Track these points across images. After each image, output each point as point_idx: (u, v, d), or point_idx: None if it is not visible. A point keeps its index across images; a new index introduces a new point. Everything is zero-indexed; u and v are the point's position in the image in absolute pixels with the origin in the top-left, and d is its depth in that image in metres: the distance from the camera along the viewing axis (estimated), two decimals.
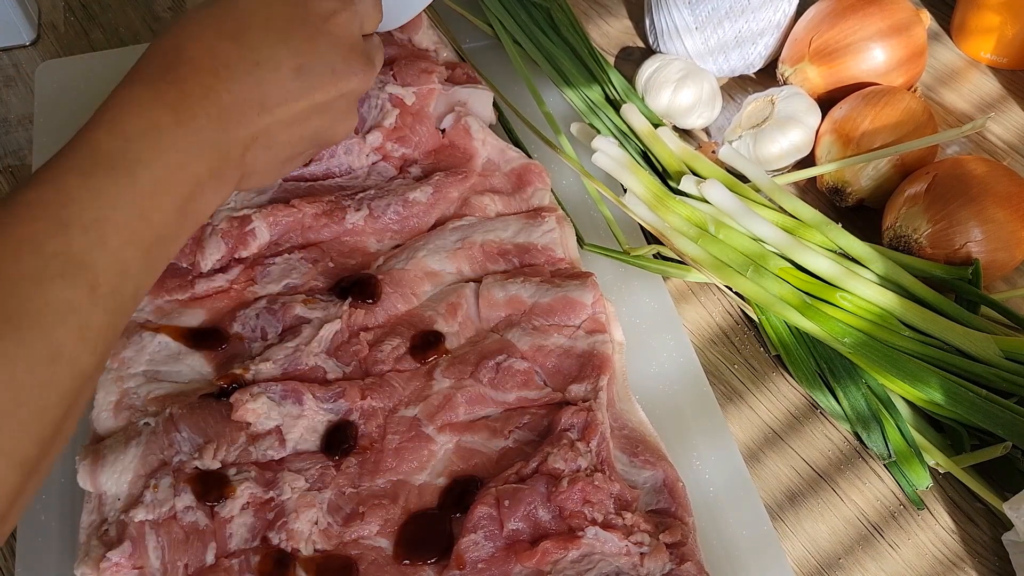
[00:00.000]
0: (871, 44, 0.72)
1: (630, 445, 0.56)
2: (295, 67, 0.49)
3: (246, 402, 0.55)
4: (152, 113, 0.45)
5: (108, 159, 0.43)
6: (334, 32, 0.51)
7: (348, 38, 0.52)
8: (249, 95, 0.48)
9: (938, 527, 0.58)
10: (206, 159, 0.46)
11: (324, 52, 0.51)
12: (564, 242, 0.64)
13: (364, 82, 0.53)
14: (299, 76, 0.49)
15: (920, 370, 0.59)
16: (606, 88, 0.75)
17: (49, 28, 0.84)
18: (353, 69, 0.52)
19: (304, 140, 0.52)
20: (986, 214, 0.63)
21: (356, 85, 0.53)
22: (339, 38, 0.52)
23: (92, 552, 0.51)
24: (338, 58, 0.51)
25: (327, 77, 0.51)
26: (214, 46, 0.48)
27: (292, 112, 0.50)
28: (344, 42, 0.52)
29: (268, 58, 0.48)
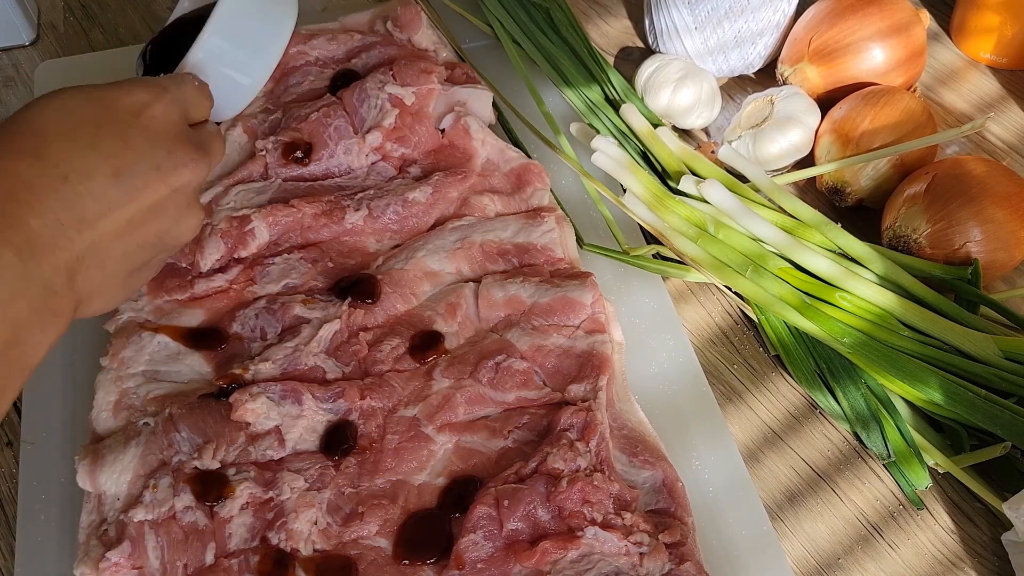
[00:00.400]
0: (870, 44, 0.72)
1: (629, 445, 0.56)
2: (111, 172, 0.44)
3: (245, 402, 0.55)
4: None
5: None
6: (150, 126, 0.47)
7: (169, 129, 0.48)
8: (62, 214, 0.42)
9: (937, 527, 0.58)
10: (23, 297, 0.40)
11: (143, 149, 0.46)
12: (563, 242, 0.64)
13: (197, 172, 0.49)
14: (118, 182, 0.44)
15: (919, 370, 0.59)
16: (605, 88, 0.75)
17: (49, 28, 0.84)
18: (181, 161, 0.47)
19: (145, 248, 0.47)
20: (985, 214, 0.63)
21: (189, 177, 0.48)
22: (157, 131, 0.47)
23: (91, 552, 0.51)
24: (161, 152, 0.47)
25: (152, 175, 0.46)
26: (11, 168, 0.42)
27: (119, 222, 0.45)
28: (165, 135, 0.47)
29: (79, 168, 0.43)
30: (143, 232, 0.46)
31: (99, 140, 0.44)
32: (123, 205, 0.45)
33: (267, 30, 0.58)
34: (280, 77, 0.73)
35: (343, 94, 0.70)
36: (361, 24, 0.77)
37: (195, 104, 0.51)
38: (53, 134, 0.44)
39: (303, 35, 0.74)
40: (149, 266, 0.50)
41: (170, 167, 0.47)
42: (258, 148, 0.67)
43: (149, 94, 0.47)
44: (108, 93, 0.46)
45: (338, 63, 0.73)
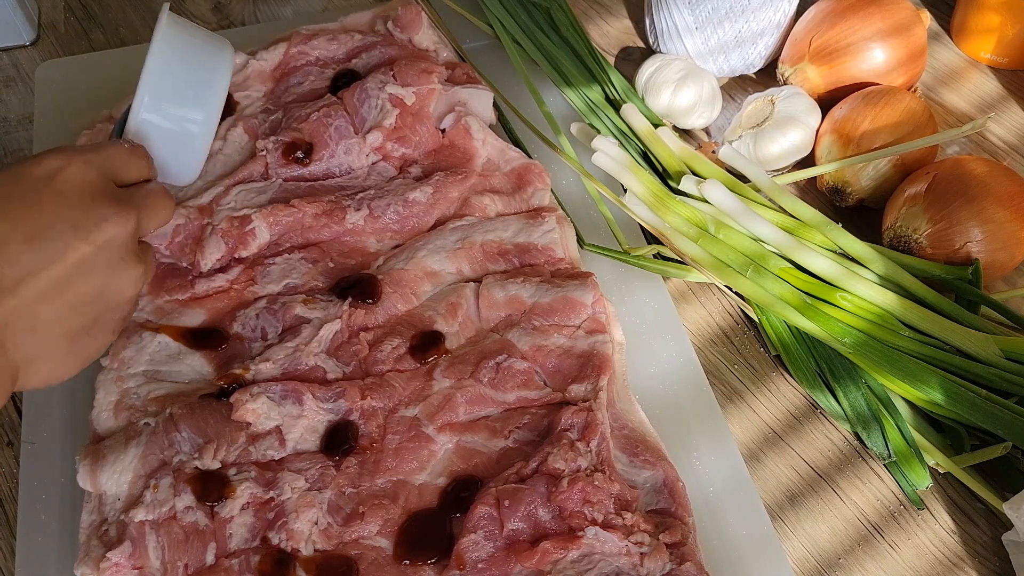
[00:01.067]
0: (871, 44, 0.72)
1: (630, 445, 0.56)
2: (24, 238, 0.44)
3: (246, 402, 0.55)
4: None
5: None
6: (64, 189, 0.46)
7: (86, 189, 0.47)
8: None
9: (938, 527, 0.58)
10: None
11: (57, 211, 0.45)
12: (564, 242, 0.64)
13: (122, 227, 0.47)
14: (33, 246, 0.44)
15: (920, 370, 0.59)
16: (606, 88, 0.75)
17: (49, 28, 0.84)
18: (102, 216, 0.46)
19: (81, 307, 0.47)
20: (986, 214, 0.63)
21: (113, 232, 0.47)
22: (72, 193, 0.46)
23: (92, 552, 0.51)
24: (78, 212, 0.46)
25: (69, 235, 0.45)
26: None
27: (41, 285, 0.44)
28: (81, 195, 0.46)
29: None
30: (73, 292, 0.46)
31: (10, 210, 0.44)
32: (43, 268, 0.44)
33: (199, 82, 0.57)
34: (281, 77, 0.73)
35: (344, 94, 0.70)
36: (362, 24, 0.77)
37: (124, 165, 0.51)
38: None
39: (304, 35, 0.74)
40: (99, 326, 0.48)
41: (90, 224, 0.46)
42: (259, 148, 0.67)
43: (61, 160, 0.47)
44: (17, 168, 0.47)
45: (339, 63, 0.73)
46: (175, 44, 0.56)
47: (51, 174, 0.46)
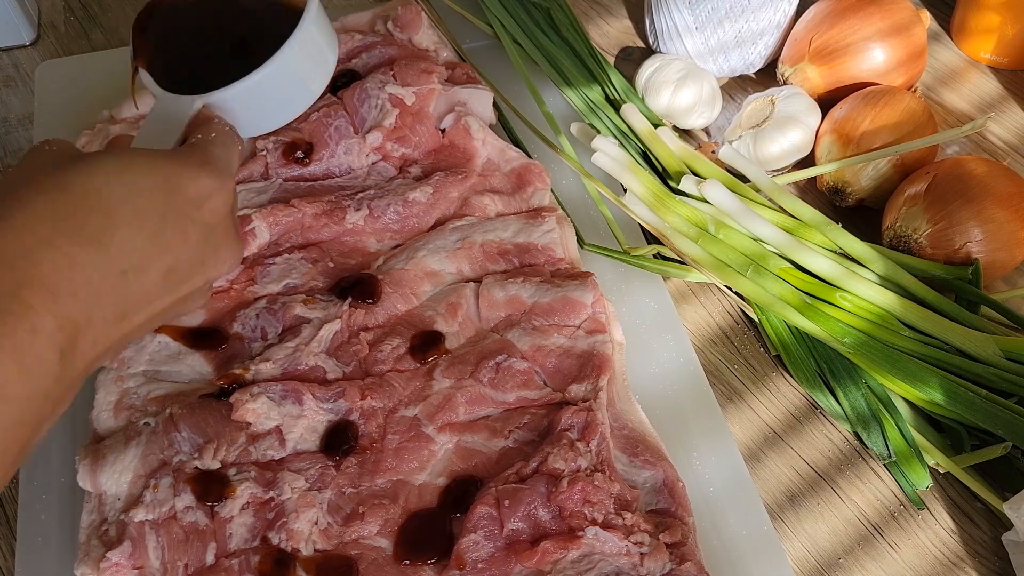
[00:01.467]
0: (871, 44, 0.72)
1: (630, 445, 0.56)
2: (163, 269, 0.42)
3: (246, 402, 0.55)
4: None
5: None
6: (208, 220, 0.44)
7: (221, 224, 0.45)
8: (109, 310, 0.40)
9: (938, 527, 0.58)
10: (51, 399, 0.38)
11: (196, 246, 0.44)
12: (564, 242, 0.64)
13: (232, 267, 0.47)
14: (168, 278, 0.42)
15: (920, 370, 0.59)
16: (606, 88, 0.75)
17: (49, 28, 0.84)
18: (223, 258, 0.46)
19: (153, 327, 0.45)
20: (986, 214, 0.63)
21: (223, 271, 0.46)
22: (212, 226, 0.44)
23: (92, 552, 0.51)
24: (210, 248, 0.45)
25: (196, 271, 0.44)
26: (72, 254, 0.38)
27: (152, 313, 0.43)
28: (217, 230, 0.45)
29: (136, 266, 0.40)
30: (161, 318, 0.44)
31: (161, 232, 0.42)
32: (162, 299, 0.43)
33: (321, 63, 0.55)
34: None
35: (343, 94, 0.70)
36: (362, 24, 0.77)
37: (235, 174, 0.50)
38: (120, 218, 0.40)
39: None
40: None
41: (213, 263, 0.45)
42: (259, 148, 0.67)
43: (214, 183, 0.45)
44: (177, 177, 0.43)
45: (339, 63, 0.73)
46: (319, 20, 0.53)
47: (202, 199, 0.44)
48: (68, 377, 0.38)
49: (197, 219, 0.43)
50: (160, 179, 0.42)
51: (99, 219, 0.39)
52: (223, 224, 0.45)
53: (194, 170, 0.44)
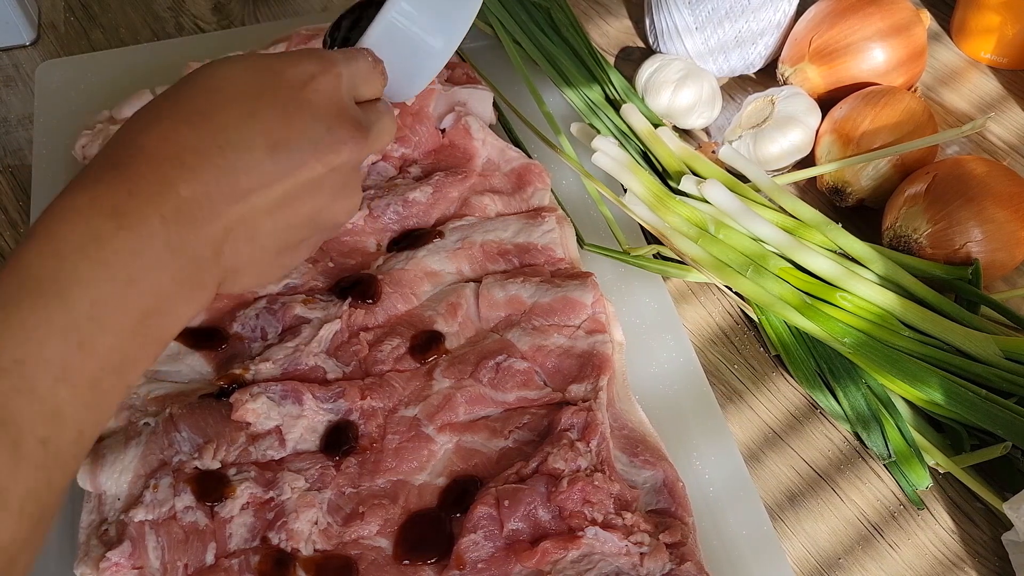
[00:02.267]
0: (871, 44, 0.72)
1: (630, 445, 0.56)
2: (269, 145, 0.43)
3: (246, 402, 0.55)
4: (90, 221, 0.38)
5: (36, 284, 0.36)
6: (314, 100, 0.44)
7: (333, 105, 0.45)
8: (215, 185, 0.41)
9: (938, 527, 0.58)
10: (167, 267, 0.39)
11: (303, 124, 0.44)
12: (564, 242, 0.64)
13: (356, 152, 0.46)
14: (274, 155, 0.43)
15: (920, 370, 0.59)
16: (606, 88, 0.75)
17: (49, 28, 0.84)
18: (340, 138, 0.45)
19: (297, 227, 0.45)
20: (986, 214, 0.63)
21: (347, 156, 0.45)
22: (320, 106, 0.45)
23: (92, 552, 0.51)
24: (321, 128, 0.44)
25: (308, 152, 0.44)
26: (171, 133, 0.41)
27: (272, 197, 0.43)
28: (327, 110, 0.45)
29: (236, 140, 0.42)
30: (295, 210, 0.44)
31: (261, 110, 0.43)
32: (277, 181, 0.43)
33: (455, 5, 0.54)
34: None
35: None
36: None
37: (365, 81, 0.48)
38: (217, 101, 0.42)
39: (303, 35, 0.74)
40: (304, 246, 0.47)
41: (329, 144, 0.44)
42: None
43: (316, 66, 0.45)
44: (275, 63, 0.45)
45: None
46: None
47: (304, 81, 0.44)
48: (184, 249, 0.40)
49: (298, 98, 0.44)
50: (257, 65, 0.44)
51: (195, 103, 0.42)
52: (333, 106, 0.45)
53: (294, 56, 0.45)
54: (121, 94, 0.72)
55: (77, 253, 0.37)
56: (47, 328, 0.35)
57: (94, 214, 0.38)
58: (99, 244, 0.37)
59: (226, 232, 0.42)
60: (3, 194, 0.74)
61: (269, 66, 0.44)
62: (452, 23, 0.54)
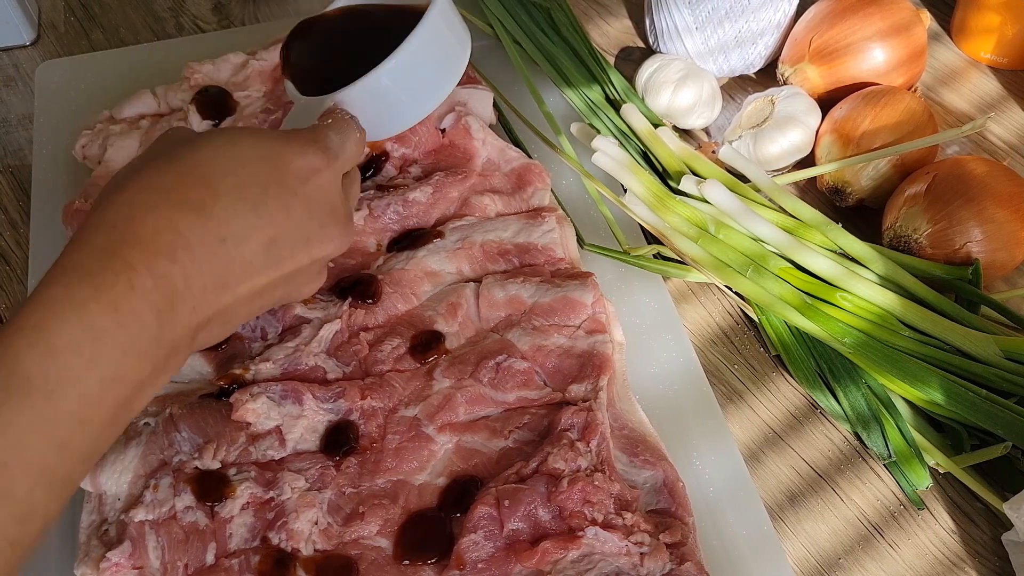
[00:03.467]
0: (871, 44, 0.72)
1: (630, 445, 0.56)
2: (264, 240, 0.43)
3: (246, 402, 0.55)
4: (88, 317, 0.37)
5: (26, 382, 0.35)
6: (313, 196, 0.45)
7: (328, 201, 0.46)
8: (208, 277, 0.41)
9: (938, 527, 0.58)
10: (150, 358, 0.39)
11: (299, 220, 0.44)
12: (564, 242, 0.64)
13: (340, 247, 0.47)
14: (268, 250, 0.43)
15: (920, 370, 0.59)
16: (606, 88, 0.75)
17: (49, 28, 0.84)
18: (330, 235, 0.46)
19: (266, 306, 0.47)
20: (986, 214, 0.63)
21: (331, 251, 0.47)
22: (318, 202, 0.45)
23: (92, 552, 0.51)
24: (315, 225, 0.45)
25: (300, 246, 0.44)
26: (174, 219, 0.40)
27: (256, 287, 0.44)
28: (323, 207, 0.46)
29: (238, 233, 0.42)
30: (270, 295, 0.45)
31: (263, 203, 0.43)
32: (265, 273, 0.43)
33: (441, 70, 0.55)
34: (280, 78, 0.73)
35: None
36: None
37: (353, 159, 0.49)
38: (223, 188, 0.42)
39: None
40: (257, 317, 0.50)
41: (319, 240, 0.45)
42: None
43: (320, 160, 0.45)
44: (282, 150, 0.44)
45: None
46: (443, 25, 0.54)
47: (307, 174, 0.45)
48: (167, 340, 0.40)
49: (301, 193, 0.44)
50: (265, 152, 0.44)
51: (202, 189, 0.41)
52: (330, 202, 0.46)
53: (300, 146, 0.45)
54: (121, 94, 0.72)
55: (70, 350, 0.36)
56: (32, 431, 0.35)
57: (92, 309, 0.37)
58: (94, 342, 0.37)
59: (208, 320, 0.42)
60: (3, 194, 0.74)
61: (278, 154, 0.44)
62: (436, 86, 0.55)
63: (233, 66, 0.72)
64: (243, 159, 0.43)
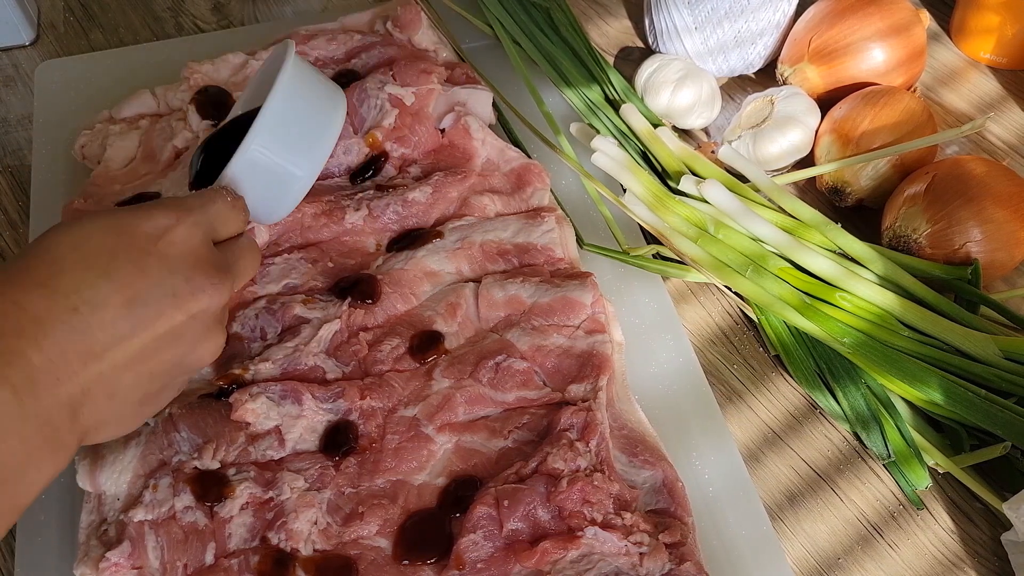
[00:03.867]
0: (870, 44, 0.72)
1: (629, 445, 0.56)
2: (123, 302, 0.42)
3: (245, 402, 0.55)
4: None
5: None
6: (169, 252, 0.44)
7: (189, 254, 0.45)
8: (67, 347, 0.40)
9: (937, 527, 0.58)
10: (17, 436, 0.38)
11: (159, 276, 0.43)
12: (563, 242, 0.64)
13: (217, 297, 0.46)
14: (130, 311, 0.42)
15: (919, 370, 0.59)
16: (605, 88, 0.75)
17: (48, 28, 0.84)
18: (199, 286, 0.45)
19: (160, 374, 0.45)
20: (985, 214, 0.63)
21: (207, 303, 0.45)
22: (176, 257, 0.44)
23: (91, 552, 0.51)
24: (179, 279, 0.44)
25: (167, 303, 0.44)
26: (20, 299, 0.40)
27: (130, 352, 0.43)
28: (184, 260, 0.45)
29: (90, 298, 0.41)
30: (157, 360, 0.45)
31: (114, 269, 0.42)
32: (135, 335, 0.43)
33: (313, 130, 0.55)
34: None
35: None
36: (361, 24, 0.77)
37: (224, 222, 0.49)
38: (68, 264, 0.42)
39: (302, 35, 0.74)
40: (167, 389, 0.48)
41: (187, 293, 0.44)
42: None
43: (170, 218, 0.45)
44: (127, 219, 0.44)
45: (338, 63, 0.73)
46: (299, 86, 0.54)
47: (158, 233, 0.44)
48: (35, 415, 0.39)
49: (154, 252, 0.44)
50: (110, 224, 0.44)
51: (47, 266, 0.41)
52: (192, 254, 0.45)
53: (146, 210, 0.45)
54: (120, 94, 0.72)
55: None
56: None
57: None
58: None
59: (84, 392, 0.41)
60: (3, 194, 0.74)
61: (122, 223, 0.44)
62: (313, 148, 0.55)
63: (232, 66, 0.72)
64: (88, 234, 0.43)
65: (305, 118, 0.54)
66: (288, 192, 0.55)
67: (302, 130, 0.54)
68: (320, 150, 0.56)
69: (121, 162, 0.69)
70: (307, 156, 0.55)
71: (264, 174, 0.53)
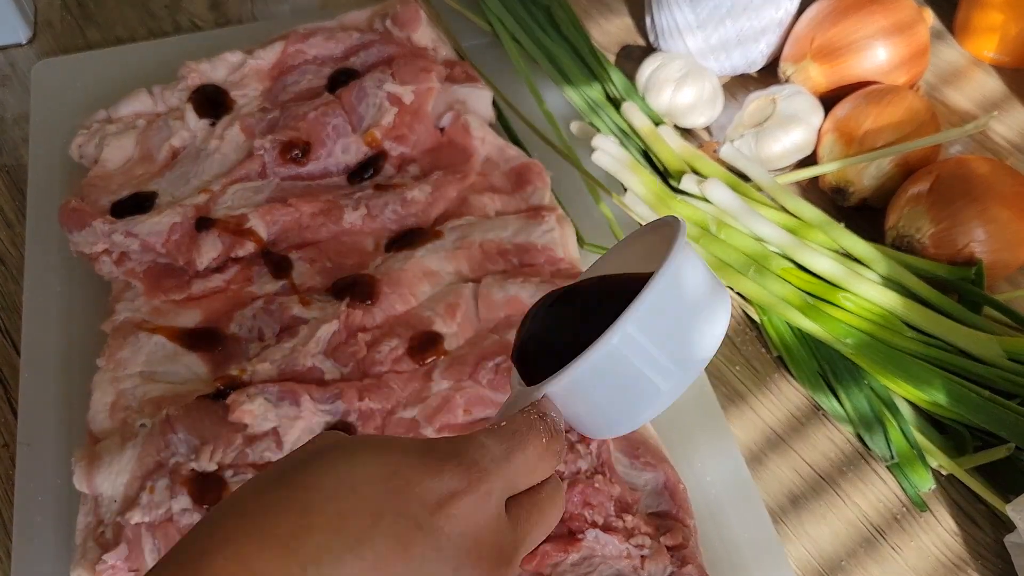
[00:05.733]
0: (874, 42, 0.72)
1: (631, 447, 0.55)
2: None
3: (243, 403, 0.54)
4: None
5: None
6: (446, 529, 0.33)
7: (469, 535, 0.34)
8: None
9: (941, 529, 0.58)
10: None
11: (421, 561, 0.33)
12: (564, 242, 0.64)
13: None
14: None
15: (923, 371, 0.59)
16: (606, 87, 0.75)
17: (45, 26, 0.84)
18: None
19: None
20: (989, 214, 0.62)
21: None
22: (452, 536, 0.34)
23: (88, 554, 0.51)
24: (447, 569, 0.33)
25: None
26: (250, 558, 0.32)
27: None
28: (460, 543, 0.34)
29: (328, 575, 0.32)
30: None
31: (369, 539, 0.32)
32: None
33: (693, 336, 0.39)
34: (278, 76, 0.72)
35: (341, 93, 0.69)
36: (360, 22, 0.76)
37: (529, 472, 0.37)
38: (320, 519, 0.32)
39: (301, 33, 0.73)
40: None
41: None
42: (256, 147, 0.67)
43: (459, 481, 0.34)
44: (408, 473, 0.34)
45: (336, 61, 0.73)
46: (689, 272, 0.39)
47: (440, 501, 0.34)
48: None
49: (426, 526, 0.33)
50: (384, 472, 0.34)
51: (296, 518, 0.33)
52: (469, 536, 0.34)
53: (436, 462, 0.35)
54: (118, 93, 0.72)
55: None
56: None
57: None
58: None
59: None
60: None
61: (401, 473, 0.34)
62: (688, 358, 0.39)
63: (230, 65, 0.72)
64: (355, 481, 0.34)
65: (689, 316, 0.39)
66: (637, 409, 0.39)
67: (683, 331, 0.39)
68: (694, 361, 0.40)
69: (118, 161, 0.68)
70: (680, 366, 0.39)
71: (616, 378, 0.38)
